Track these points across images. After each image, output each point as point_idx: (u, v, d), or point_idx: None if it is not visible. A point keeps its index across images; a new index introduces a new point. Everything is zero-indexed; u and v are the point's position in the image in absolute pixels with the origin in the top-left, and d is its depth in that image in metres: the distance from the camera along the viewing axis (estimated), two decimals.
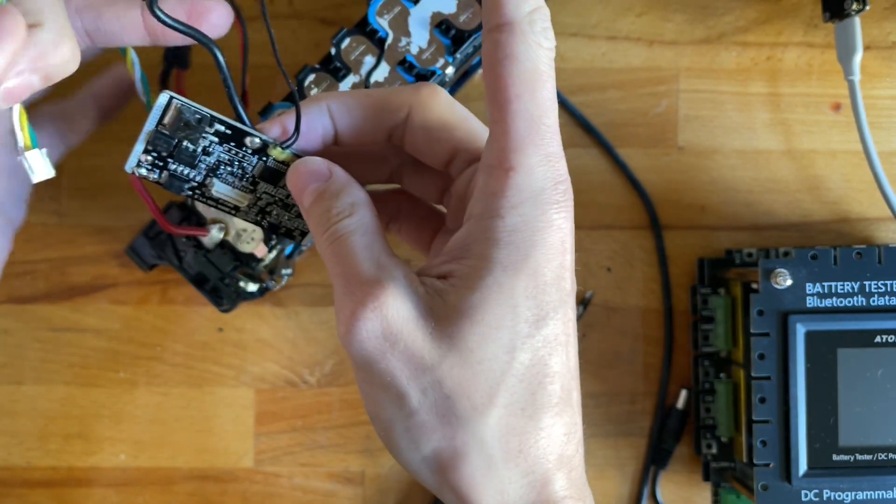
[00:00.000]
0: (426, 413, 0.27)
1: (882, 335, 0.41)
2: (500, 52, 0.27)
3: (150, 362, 0.48)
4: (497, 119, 0.27)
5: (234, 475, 0.48)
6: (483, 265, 0.27)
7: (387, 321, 0.27)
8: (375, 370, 0.27)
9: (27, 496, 0.48)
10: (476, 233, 0.28)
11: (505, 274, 0.27)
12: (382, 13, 0.39)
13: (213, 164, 0.31)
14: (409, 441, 0.28)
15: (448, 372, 0.27)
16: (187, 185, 0.32)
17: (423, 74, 0.39)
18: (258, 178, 0.32)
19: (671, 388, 0.48)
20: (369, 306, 0.27)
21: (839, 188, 0.48)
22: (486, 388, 0.27)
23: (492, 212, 0.27)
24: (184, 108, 0.30)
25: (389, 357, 0.27)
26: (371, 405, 0.29)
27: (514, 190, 0.27)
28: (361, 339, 0.27)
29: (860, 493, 0.40)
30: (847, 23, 0.44)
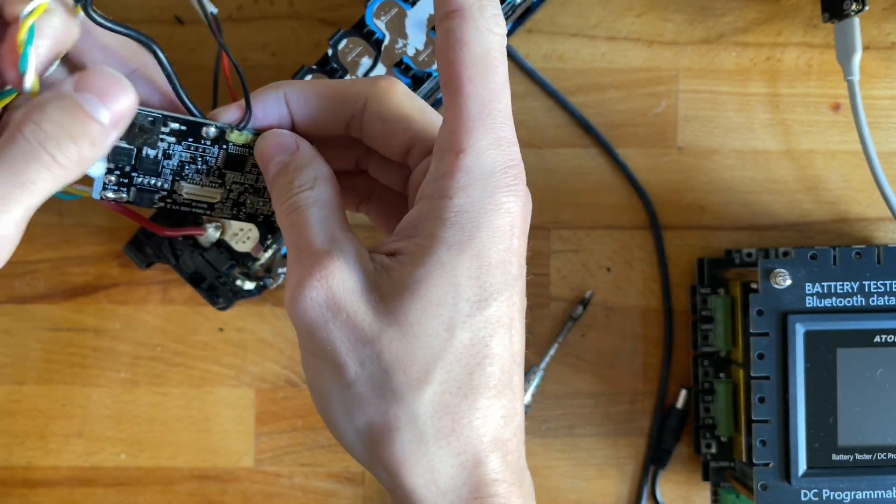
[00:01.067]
0: (362, 385, 0.27)
1: (881, 335, 0.41)
2: (452, 38, 0.27)
3: (151, 362, 0.48)
4: (450, 104, 0.28)
5: (235, 475, 0.48)
6: (428, 243, 0.28)
7: (331, 291, 0.27)
8: (317, 339, 0.28)
9: (28, 496, 0.48)
10: (425, 212, 0.28)
11: (449, 253, 0.27)
12: (380, 15, 0.39)
13: (177, 167, 0.31)
14: (344, 413, 0.28)
15: (387, 346, 0.27)
16: (157, 195, 0.31)
17: (420, 76, 0.39)
18: (223, 169, 0.32)
19: (671, 387, 0.48)
20: (316, 276, 0.27)
21: (838, 188, 0.48)
22: (423, 364, 0.27)
23: (441, 192, 0.28)
24: (136, 113, 0.30)
25: (331, 326, 0.27)
26: (311, 375, 0.29)
27: (463, 172, 0.28)
28: (305, 307, 0.27)
29: (859, 492, 0.41)
30: (846, 23, 0.45)
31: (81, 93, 0.27)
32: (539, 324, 0.48)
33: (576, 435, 0.48)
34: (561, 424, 0.48)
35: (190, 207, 0.32)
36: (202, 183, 0.32)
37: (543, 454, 0.48)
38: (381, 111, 0.30)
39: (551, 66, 0.48)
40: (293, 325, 0.28)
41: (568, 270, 0.48)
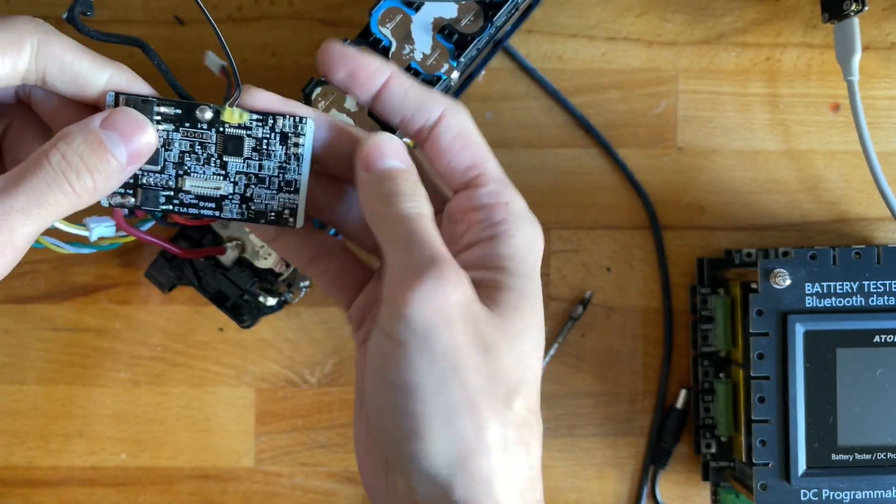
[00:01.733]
0: (473, 389, 0.29)
1: (881, 335, 0.41)
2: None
3: (151, 362, 0.48)
4: (477, 175, 0.33)
5: (235, 475, 0.48)
6: (509, 273, 0.31)
7: (466, 294, 0.29)
8: (442, 337, 0.28)
9: (29, 496, 0.48)
10: (491, 249, 0.31)
11: (528, 282, 0.31)
12: (385, 22, 0.39)
13: (178, 159, 0.31)
14: (446, 416, 0.28)
15: (497, 356, 0.29)
16: (163, 193, 0.31)
17: (429, 80, 0.39)
18: (223, 155, 0.32)
19: (671, 387, 0.48)
20: (455, 276, 0.28)
21: (838, 188, 0.48)
22: (516, 378, 0.29)
23: (502, 233, 0.32)
24: (127, 97, 0.31)
25: (458, 325, 0.28)
26: (414, 374, 0.28)
27: (515, 215, 0.32)
28: (440, 304, 0.28)
29: (859, 492, 0.41)
30: (846, 23, 0.45)
31: (106, 130, 0.30)
32: None
33: (576, 435, 0.48)
34: (561, 424, 0.48)
35: (198, 210, 0.32)
36: (205, 175, 0.32)
37: (544, 454, 0.48)
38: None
39: (551, 67, 0.48)
40: (406, 317, 0.28)
41: (568, 270, 0.48)
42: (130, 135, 0.30)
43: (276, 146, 0.32)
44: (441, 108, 0.32)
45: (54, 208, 0.29)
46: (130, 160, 0.30)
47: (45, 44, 0.30)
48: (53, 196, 0.29)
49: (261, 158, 0.32)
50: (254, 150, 0.32)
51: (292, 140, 0.32)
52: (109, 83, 0.31)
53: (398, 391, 0.29)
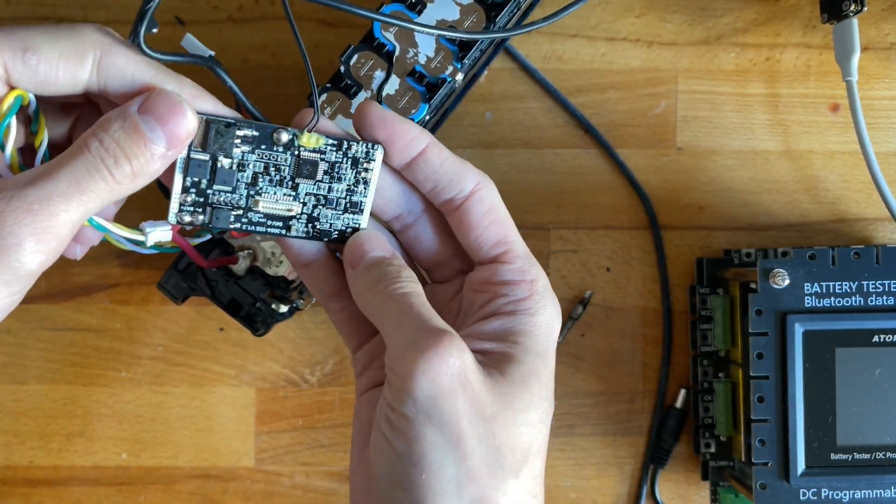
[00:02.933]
0: (478, 459, 0.29)
1: (880, 335, 0.41)
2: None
3: (152, 362, 0.48)
4: (505, 251, 0.34)
5: (236, 474, 0.48)
6: (523, 349, 0.32)
7: (465, 363, 0.29)
8: (442, 407, 0.29)
9: (29, 495, 0.48)
10: (511, 324, 0.32)
11: (540, 359, 0.32)
12: (388, 26, 0.39)
13: (251, 179, 0.31)
14: (454, 485, 0.29)
15: (501, 427, 0.30)
16: (232, 213, 0.31)
17: (434, 83, 0.39)
18: (296, 177, 0.32)
19: (670, 387, 0.48)
20: (455, 346, 0.29)
21: (837, 188, 0.48)
22: (523, 449, 0.30)
23: (525, 310, 0.33)
24: (210, 119, 0.30)
25: (459, 397, 0.29)
26: (420, 445, 0.29)
27: (538, 295, 0.33)
28: (440, 374, 0.29)
29: (858, 492, 0.41)
30: (845, 24, 0.45)
31: (143, 115, 0.29)
32: None
33: (575, 434, 0.48)
34: (561, 424, 0.48)
35: (265, 227, 0.32)
36: (277, 196, 0.32)
37: None
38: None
39: (551, 67, 0.48)
40: (412, 395, 0.29)
41: (568, 270, 0.48)
42: (168, 119, 0.29)
43: (346, 170, 0.32)
44: (475, 183, 0.33)
45: (95, 195, 0.29)
46: (170, 145, 0.29)
47: (107, 55, 0.30)
48: (94, 182, 0.29)
49: (331, 181, 0.32)
50: (325, 174, 0.32)
51: (363, 165, 0.32)
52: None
53: (405, 461, 0.29)
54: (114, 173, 0.29)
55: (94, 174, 0.29)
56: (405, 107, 0.39)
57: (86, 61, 0.30)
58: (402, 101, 0.39)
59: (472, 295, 0.34)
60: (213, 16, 0.48)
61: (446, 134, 0.48)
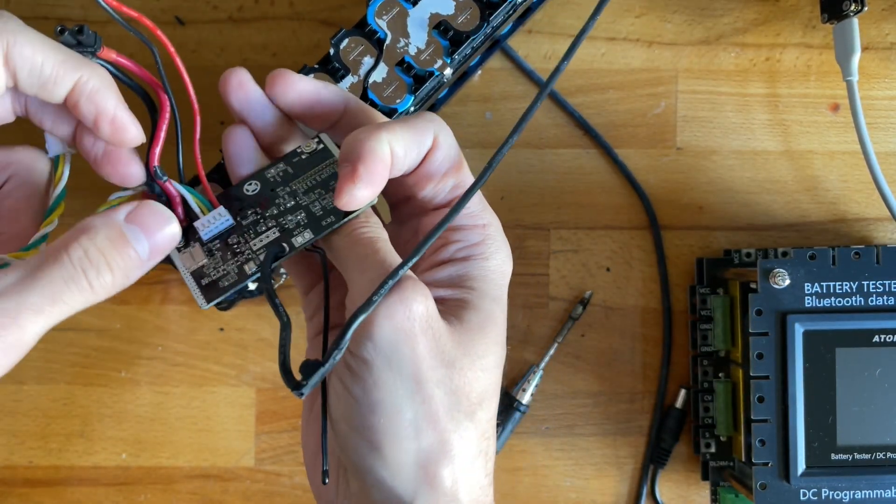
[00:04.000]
0: (437, 403, 0.29)
1: (880, 335, 0.41)
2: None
3: (152, 362, 0.48)
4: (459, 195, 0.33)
5: (236, 474, 0.48)
6: (479, 294, 0.32)
7: (428, 309, 0.29)
8: (402, 353, 0.29)
9: (29, 495, 0.48)
10: (465, 269, 0.32)
11: (496, 305, 0.32)
12: (381, 14, 0.39)
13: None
14: (412, 429, 0.29)
15: (459, 372, 0.30)
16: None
17: (422, 75, 0.39)
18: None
19: (670, 387, 0.48)
20: (418, 291, 0.29)
21: (837, 188, 0.48)
22: (479, 393, 0.30)
23: (479, 256, 0.32)
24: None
25: (420, 341, 0.29)
26: (379, 391, 0.29)
27: (492, 239, 0.33)
28: (403, 319, 0.29)
29: (858, 492, 0.41)
30: (845, 24, 0.45)
31: (130, 224, 0.30)
32: (539, 324, 0.48)
33: (575, 434, 0.48)
34: (561, 424, 0.48)
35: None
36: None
37: (543, 454, 0.48)
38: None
39: (551, 67, 0.48)
40: (375, 339, 0.29)
41: (567, 270, 0.48)
42: (155, 231, 0.30)
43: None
44: (433, 136, 0.32)
45: (68, 305, 0.28)
46: (152, 255, 0.30)
47: (14, 45, 0.29)
48: (70, 294, 0.28)
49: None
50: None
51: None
52: (77, 87, 0.30)
53: (363, 406, 0.29)
54: (93, 284, 0.28)
55: (72, 285, 0.28)
56: (390, 96, 0.39)
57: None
58: (387, 90, 0.39)
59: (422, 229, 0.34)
60: (213, 16, 0.48)
61: None
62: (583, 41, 0.31)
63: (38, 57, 0.29)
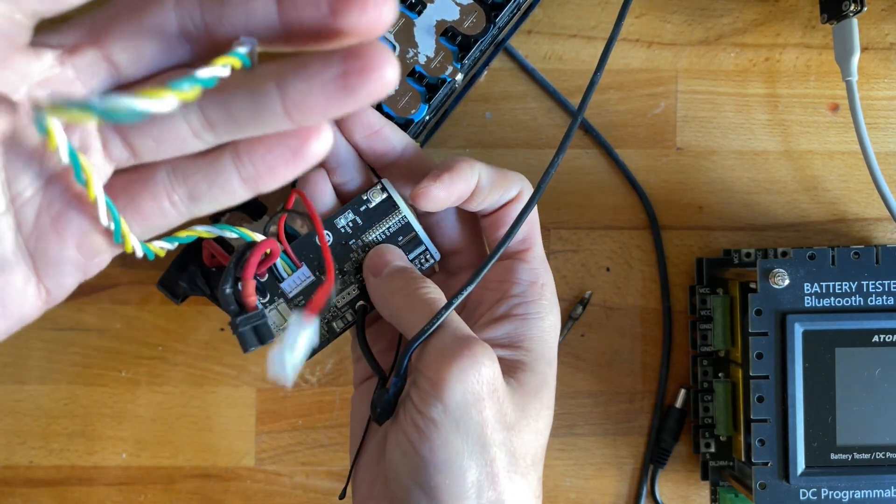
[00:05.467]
0: (498, 465, 0.30)
1: (880, 335, 0.41)
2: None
3: (152, 362, 0.48)
4: (526, 249, 0.35)
5: (236, 474, 0.48)
6: (534, 356, 0.33)
7: (494, 372, 0.30)
8: (471, 415, 0.30)
9: (30, 495, 0.48)
10: (522, 329, 0.34)
11: (548, 367, 0.34)
12: None
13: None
14: (475, 490, 0.30)
15: (517, 433, 0.31)
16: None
17: (434, 83, 0.39)
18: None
19: (670, 387, 0.48)
20: (486, 354, 0.30)
21: (837, 189, 0.48)
22: (533, 454, 0.32)
23: (535, 314, 0.34)
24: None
25: (488, 405, 0.30)
26: (444, 452, 0.30)
27: (546, 300, 0.35)
28: (473, 382, 0.30)
29: (858, 491, 0.41)
30: (845, 24, 0.45)
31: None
32: None
33: (575, 434, 0.48)
34: (560, 424, 0.48)
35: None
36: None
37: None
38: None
39: (551, 67, 0.48)
40: (446, 401, 0.30)
41: (567, 270, 0.48)
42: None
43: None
44: (518, 189, 0.35)
45: None
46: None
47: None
48: None
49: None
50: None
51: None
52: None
53: (429, 465, 0.30)
54: None
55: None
56: (405, 107, 0.39)
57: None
58: (401, 102, 0.39)
59: (483, 292, 0.35)
60: None
61: (446, 134, 0.48)
62: (612, 50, 0.33)
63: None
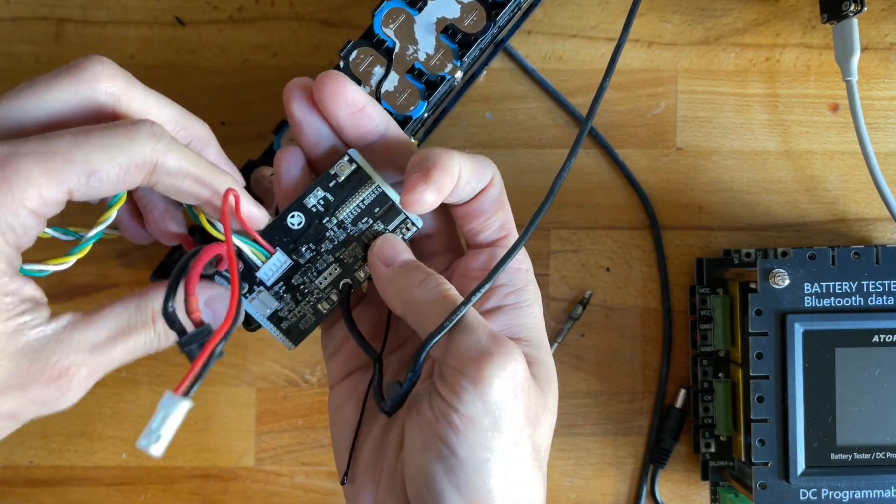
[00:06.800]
0: (527, 460, 0.31)
1: (880, 335, 0.41)
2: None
3: (152, 361, 0.48)
4: (506, 235, 0.35)
5: (236, 474, 0.48)
6: (535, 345, 0.34)
7: (524, 370, 0.31)
8: (506, 412, 0.30)
9: (29, 495, 0.48)
10: (518, 319, 0.34)
11: (547, 354, 0.34)
12: (388, 23, 0.39)
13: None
14: (510, 486, 0.30)
15: (538, 428, 0.32)
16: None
17: (433, 81, 0.39)
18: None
19: (670, 387, 0.48)
20: (517, 352, 0.31)
21: (837, 189, 0.48)
22: (546, 446, 0.33)
23: (524, 302, 0.34)
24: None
25: (521, 401, 0.30)
26: (483, 451, 0.30)
27: (531, 283, 0.35)
28: (511, 379, 0.30)
29: (858, 491, 0.41)
30: (845, 24, 0.45)
31: (208, 308, 0.34)
32: None
33: (575, 434, 0.48)
34: (560, 424, 0.48)
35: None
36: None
37: None
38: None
39: (551, 67, 0.48)
40: (486, 398, 0.30)
41: (567, 270, 0.48)
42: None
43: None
44: (490, 176, 0.34)
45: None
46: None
47: (161, 165, 0.30)
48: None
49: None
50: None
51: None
52: (210, 200, 0.32)
53: (467, 465, 0.30)
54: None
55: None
56: (403, 104, 0.39)
57: (140, 175, 0.30)
58: (400, 98, 0.39)
59: (467, 281, 0.35)
60: (213, 16, 0.48)
61: (446, 134, 0.48)
62: (619, 56, 0.33)
63: (178, 180, 0.31)
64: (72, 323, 0.31)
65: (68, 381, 0.30)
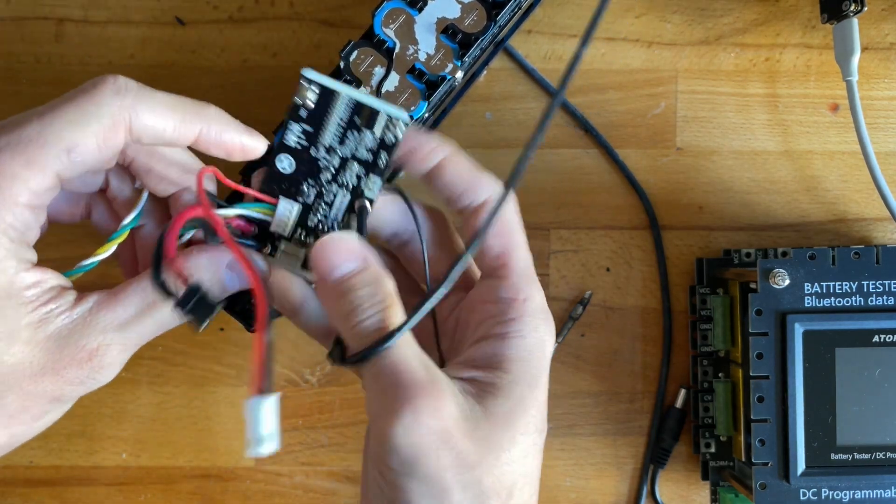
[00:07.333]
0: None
1: (880, 335, 0.41)
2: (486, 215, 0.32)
3: (152, 362, 0.48)
4: (504, 265, 0.33)
5: (236, 474, 0.48)
6: (511, 378, 0.31)
7: (444, 420, 0.29)
8: (423, 464, 0.29)
9: (29, 495, 0.48)
10: (500, 349, 0.32)
11: (527, 388, 0.31)
12: (388, 23, 0.39)
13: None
14: None
15: (486, 471, 0.30)
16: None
17: (434, 81, 0.39)
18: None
19: (670, 387, 0.48)
20: (431, 406, 0.29)
21: (837, 189, 0.48)
22: (508, 486, 0.30)
23: (514, 333, 0.32)
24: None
25: (441, 453, 0.29)
26: (406, 496, 0.29)
27: (529, 315, 0.32)
28: (418, 434, 0.28)
29: (858, 491, 0.41)
30: (845, 24, 0.45)
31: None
32: None
33: (575, 434, 0.48)
34: (561, 424, 0.48)
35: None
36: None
37: (543, 453, 0.48)
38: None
39: (551, 67, 0.48)
40: (389, 451, 0.29)
41: (567, 270, 0.48)
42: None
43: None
44: (487, 194, 0.33)
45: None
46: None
47: (136, 117, 0.30)
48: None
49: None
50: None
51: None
52: (200, 136, 0.32)
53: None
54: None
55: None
56: (404, 104, 0.39)
57: (119, 135, 0.30)
58: (401, 98, 0.39)
59: (467, 314, 0.34)
60: (213, 16, 0.48)
61: (446, 134, 0.48)
62: (587, 47, 0.31)
63: (160, 123, 0.31)
64: (97, 304, 0.31)
65: (99, 360, 0.31)
